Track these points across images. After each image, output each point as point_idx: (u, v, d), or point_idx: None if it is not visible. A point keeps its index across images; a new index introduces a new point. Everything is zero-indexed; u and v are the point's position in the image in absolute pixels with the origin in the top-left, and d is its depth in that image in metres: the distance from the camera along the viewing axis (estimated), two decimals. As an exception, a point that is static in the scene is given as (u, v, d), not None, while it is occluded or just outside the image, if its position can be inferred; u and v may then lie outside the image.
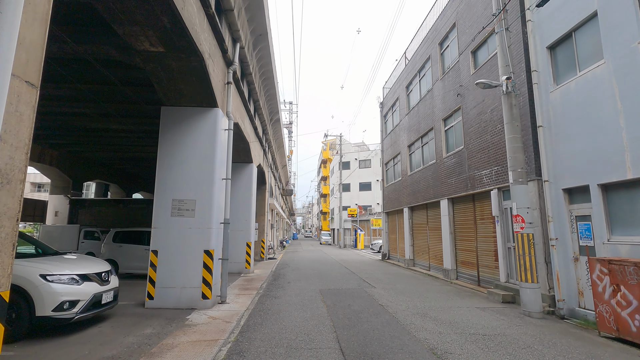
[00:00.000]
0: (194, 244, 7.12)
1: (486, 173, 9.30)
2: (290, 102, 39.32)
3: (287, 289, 9.32)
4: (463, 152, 10.65)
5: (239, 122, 10.34)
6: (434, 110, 13.07)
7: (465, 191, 10.46)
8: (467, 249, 10.72)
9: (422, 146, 14.47)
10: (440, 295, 8.41)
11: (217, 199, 7.56)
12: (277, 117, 17.22)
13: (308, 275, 12.28)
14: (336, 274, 12.46)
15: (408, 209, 15.86)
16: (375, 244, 26.47)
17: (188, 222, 7.20)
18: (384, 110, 20.75)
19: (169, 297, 6.92)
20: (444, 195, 11.91)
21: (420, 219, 14.82)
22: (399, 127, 17.41)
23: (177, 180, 7.35)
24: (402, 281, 10.88)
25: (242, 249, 12.99)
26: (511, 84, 7.04)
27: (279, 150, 23.76)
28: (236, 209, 13.17)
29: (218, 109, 7.71)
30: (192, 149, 7.50)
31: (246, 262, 12.93)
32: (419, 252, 14.86)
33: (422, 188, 14.13)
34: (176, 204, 7.24)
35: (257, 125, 13.91)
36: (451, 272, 11.24)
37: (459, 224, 11.28)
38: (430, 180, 13.26)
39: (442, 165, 12.22)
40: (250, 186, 13.49)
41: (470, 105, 10.30)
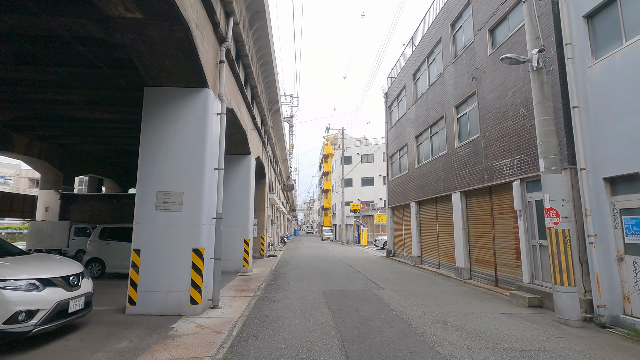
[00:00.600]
0: (182, 242, 6.29)
1: (506, 163, 8.42)
2: (290, 95, 38.34)
3: (288, 290, 8.50)
4: (479, 141, 9.77)
5: (235, 109, 9.47)
6: (444, 97, 12.16)
7: (481, 183, 9.59)
8: (482, 246, 9.87)
9: (431, 136, 13.58)
10: (457, 298, 7.58)
11: (208, 192, 6.72)
12: (277, 107, 16.34)
13: (310, 274, 11.47)
14: (340, 273, 11.65)
15: (415, 204, 15.01)
16: (379, 240, 25.67)
17: (175, 217, 6.36)
18: (388, 100, 19.83)
19: (153, 302, 6.10)
20: (456, 188, 11.04)
21: (428, 214, 13.97)
22: (406, 118, 16.51)
23: (162, 170, 6.50)
24: (411, 281, 10.05)
25: (240, 246, 12.18)
26: (543, 58, 6.14)
27: (279, 143, 22.89)
28: (233, 203, 12.35)
29: (209, 90, 6.84)
30: (179, 135, 6.64)
31: (244, 260, 12.12)
32: (428, 249, 14.02)
33: (431, 181, 13.26)
34: (161, 196, 6.40)
35: (255, 114, 13.04)
36: (464, 271, 10.41)
37: (473, 219, 10.42)
38: (440, 172, 12.39)
39: (454, 156, 11.34)
40: (248, 179, 12.65)
41: (487, 89, 9.40)
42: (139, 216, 6.34)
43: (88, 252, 10.26)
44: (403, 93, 17.14)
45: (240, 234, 12.24)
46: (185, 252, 6.26)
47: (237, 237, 12.21)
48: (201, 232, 6.38)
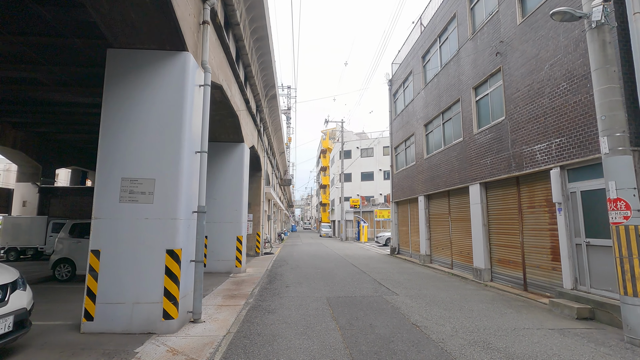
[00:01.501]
0: (153, 241, 5.03)
1: (542, 148, 7.20)
2: (288, 87, 36.95)
3: (285, 296, 7.27)
4: (504, 125, 8.54)
5: (225, 87, 8.18)
6: (460, 78, 10.90)
7: (506, 173, 8.37)
8: (507, 245, 8.68)
9: (443, 123, 12.33)
10: (486, 307, 6.38)
11: (188, 180, 5.45)
12: (274, 92, 15.02)
13: (310, 275, 10.24)
14: (344, 274, 10.44)
15: (424, 198, 13.80)
16: (380, 236, 24.51)
17: (144, 210, 5.09)
18: (393, 88, 18.55)
19: (116, 318, 4.84)
20: (475, 180, 9.83)
21: (439, 209, 12.77)
22: (413, 105, 15.24)
23: (128, 151, 5.22)
24: (425, 284, 8.85)
25: (232, 244, 10.93)
26: (606, 11, 4.89)
27: (276, 134, 21.57)
28: (224, 197, 11.09)
29: (188, 55, 5.55)
30: (151, 108, 5.35)
31: (236, 259, 10.88)
32: (438, 247, 12.84)
33: (443, 172, 12.04)
34: (127, 185, 5.12)
35: (249, 98, 11.74)
36: (484, 272, 9.22)
37: (495, 213, 9.22)
38: (454, 162, 11.16)
39: (472, 143, 10.11)
40: (241, 170, 11.37)
41: (516, 65, 8.15)
42: (98, 209, 5.06)
43: (56, 251, 8.98)
44: (410, 79, 15.86)
45: (232, 231, 10.98)
46: (157, 254, 5.00)
47: (229, 234, 10.96)
48: (177, 229, 5.11)
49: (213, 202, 11.06)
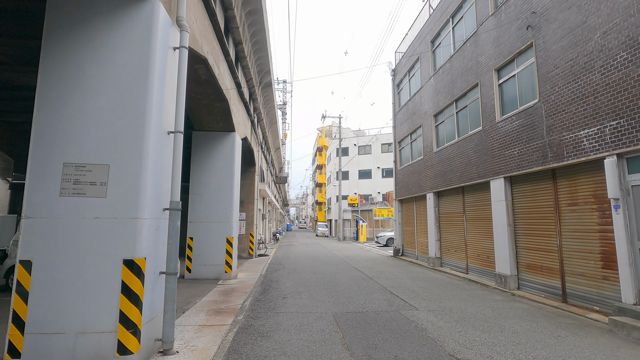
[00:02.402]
0: (105, 249, 3.74)
1: (590, 134, 6.01)
2: (284, 81, 35.61)
3: (282, 312, 6.01)
4: (537, 109, 7.35)
5: (211, 62, 6.88)
6: (478, 60, 9.71)
7: (540, 164, 7.19)
8: (539, 248, 7.51)
9: (456, 112, 11.14)
10: (531, 327, 5.19)
11: (156, 167, 4.16)
12: (269, 79, 13.72)
13: (310, 282, 8.99)
14: (348, 280, 9.20)
15: (433, 195, 12.61)
16: (381, 236, 23.33)
17: (94, 206, 3.79)
18: (396, 78, 17.34)
19: (53, 353, 3.55)
20: (498, 173, 8.64)
21: (452, 207, 11.58)
22: (420, 95, 14.04)
23: (74, 129, 3.92)
24: (445, 294, 7.65)
25: (221, 247, 9.63)
26: None
27: (271, 127, 20.26)
28: (212, 193, 9.79)
29: (157, 4, 4.25)
30: (106, 74, 4.05)
31: (226, 264, 9.58)
32: (450, 249, 11.66)
33: (456, 166, 10.85)
34: (71, 172, 3.82)
35: (242, 82, 10.44)
36: (509, 280, 8.05)
37: (523, 212, 8.04)
38: (471, 155, 9.97)
39: (493, 132, 8.92)
40: (232, 163, 10.07)
41: (553, 37, 6.95)
42: (31, 206, 3.75)
43: (11, 256, 7.62)
44: (416, 66, 14.65)
45: (221, 232, 9.69)
46: (110, 266, 3.71)
47: (218, 235, 9.67)
48: (139, 231, 3.82)
49: (199, 199, 9.76)
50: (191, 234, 9.63)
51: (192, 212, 9.73)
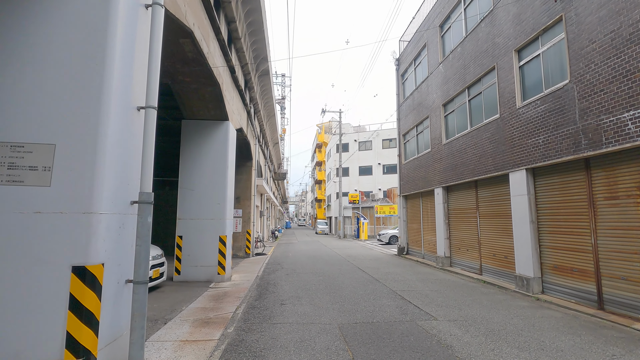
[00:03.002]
0: (47, 252, 2.89)
1: (637, 115, 5.18)
2: (282, 75, 34.68)
3: (280, 322, 5.18)
4: (568, 91, 6.51)
5: (197, 36, 6.02)
6: (495, 41, 8.86)
7: (571, 153, 6.36)
8: (568, 247, 6.69)
9: (469, 100, 10.29)
10: (576, 343, 4.38)
11: (118, 148, 3.32)
12: (266, 67, 12.84)
13: (311, 285, 8.17)
14: (352, 283, 8.38)
15: (442, 190, 11.78)
16: (383, 234, 22.52)
17: (34, 197, 2.95)
18: (401, 68, 16.47)
19: (-24, 390, 2.71)
20: (519, 165, 7.81)
21: (463, 202, 10.76)
22: (427, 83, 13.19)
23: (8, 98, 3.06)
24: (463, 299, 6.83)
25: (213, 246, 8.80)
26: None
27: (269, 120, 19.38)
28: (204, 187, 8.96)
29: (121, -54, 3.38)
30: (51, 33, 3.19)
31: (219, 265, 8.75)
32: (461, 248, 10.85)
33: (469, 159, 10.01)
34: (5, 154, 2.97)
35: (236, 66, 9.58)
36: (532, 282, 7.24)
37: (548, 206, 7.22)
38: (486, 145, 9.14)
39: (513, 120, 8.09)
40: (225, 155, 9.22)
41: (589, 8, 6.10)
42: (-49, 196, 2.90)
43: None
44: (423, 53, 13.79)
45: (213, 230, 8.85)
46: (54, 275, 2.87)
47: (210, 233, 8.83)
48: (95, 230, 2.98)
49: (190, 194, 8.92)
50: (180, 232, 8.79)
51: (181, 209, 8.88)
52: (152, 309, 5.97)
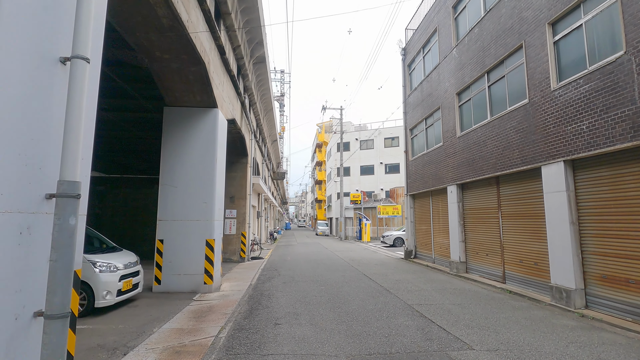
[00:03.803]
0: None
1: None
2: (281, 71, 33.56)
3: (272, 354, 4.03)
4: (623, 65, 5.37)
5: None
6: (522, 16, 7.73)
7: (629, 140, 5.22)
8: (622, 254, 5.56)
9: (488, 86, 9.16)
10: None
11: (17, 115, 2.16)
12: (262, 54, 11.71)
13: (311, 296, 7.02)
14: (359, 294, 7.23)
15: (456, 187, 10.64)
16: (387, 235, 21.36)
17: None
18: (407, 58, 15.35)
19: None
20: (554, 157, 6.67)
21: (482, 201, 9.62)
22: (438, 72, 12.06)
23: None
24: (495, 317, 5.69)
25: (199, 251, 7.66)
26: None
27: (266, 115, 18.25)
28: (188, 184, 7.84)
29: None
30: None
31: (205, 273, 7.60)
32: (479, 253, 9.70)
33: (489, 152, 8.88)
34: None
35: (226, 47, 8.45)
36: (574, 295, 6.09)
37: (594, 205, 6.08)
38: (512, 136, 8.00)
39: (547, 104, 6.95)
40: (214, 148, 8.08)
41: (652, -40, 4.97)
42: None
43: None
44: (433, 39, 12.67)
45: (199, 233, 7.71)
46: None
47: (195, 237, 7.69)
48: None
49: (172, 191, 7.78)
50: (161, 236, 7.65)
51: (162, 208, 7.74)
52: (114, 331, 4.83)
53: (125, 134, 14.54)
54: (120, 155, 18.43)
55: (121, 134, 14.66)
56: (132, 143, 15.92)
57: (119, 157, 18.97)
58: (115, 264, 5.93)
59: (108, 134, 15.02)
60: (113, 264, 5.87)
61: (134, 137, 14.75)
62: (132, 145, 16.47)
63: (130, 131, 14.05)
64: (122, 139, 15.35)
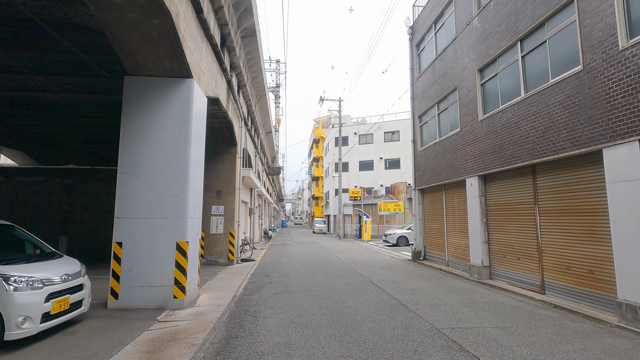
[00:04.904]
0: None
1: None
2: (277, 61, 31.88)
3: None
4: None
5: None
6: (573, -37, 6.18)
7: None
8: None
9: (522, 57, 7.63)
10: None
11: None
12: (251, 23, 10.06)
13: (309, 316, 5.47)
14: (371, 312, 5.70)
15: (478, 180, 9.13)
16: (390, 234, 19.87)
17: None
18: (415, 37, 13.78)
19: None
20: (624, 136, 5.17)
21: (511, 195, 8.11)
22: (455, 47, 10.51)
23: None
24: (559, 347, 4.19)
25: (168, 257, 6.09)
26: None
27: (259, 101, 16.61)
28: (154, 173, 6.29)
29: None
30: None
31: (175, 285, 6.03)
32: (506, 256, 8.21)
33: (523, 135, 7.36)
34: None
35: (204, 4, 6.83)
36: (654, 315, 4.59)
37: (685, 199, 4.57)
38: (558, 113, 6.48)
39: (611, 69, 5.42)
40: (187, 128, 6.47)
41: None
42: None
43: None
44: (448, 11, 11.10)
45: (168, 234, 6.13)
46: None
47: (163, 239, 6.11)
48: None
49: (134, 181, 6.19)
50: (119, 237, 6.06)
51: (121, 203, 6.15)
52: (17, 384, 3.25)
53: (96, 120, 12.89)
54: (94, 146, 16.74)
55: (93, 121, 13.01)
56: (107, 132, 14.26)
57: (93, 148, 17.27)
58: (41, 277, 4.34)
59: (78, 122, 13.36)
60: (37, 277, 4.27)
61: (109, 125, 13.11)
62: (106, 135, 14.81)
63: (103, 118, 12.40)
64: (95, 126, 13.69)
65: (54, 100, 11.17)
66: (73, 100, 11.15)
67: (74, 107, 11.74)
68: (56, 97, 10.92)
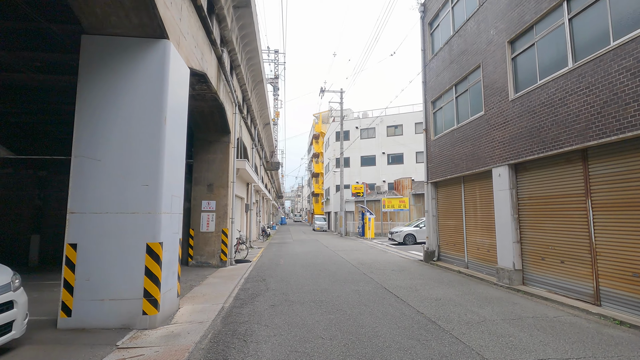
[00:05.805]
0: None
1: None
2: (275, 51, 30.49)
3: None
4: None
5: None
6: None
7: None
8: None
9: (569, 19, 6.33)
10: None
11: None
12: (245, -8, 8.75)
13: (316, 337, 4.21)
14: (394, 333, 4.45)
15: (508, 169, 7.86)
16: (397, 232, 18.61)
17: None
18: (428, 15, 12.47)
19: None
20: None
21: (552, 187, 6.85)
22: (477, 19, 9.21)
23: None
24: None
25: (135, 262, 4.81)
26: None
27: (256, 87, 15.29)
28: (119, 157, 4.99)
29: None
30: None
31: (145, 297, 4.75)
32: (546, 259, 6.95)
33: (572, 114, 6.08)
34: None
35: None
36: None
37: None
38: (623, 83, 5.20)
39: None
40: (161, 101, 5.18)
41: None
42: None
43: None
44: (469, -20, 9.78)
45: (135, 233, 4.85)
46: None
47: (129, 239, 4.83)
48: None
49: (94, 166, 4.91)
50: (74, 238, 4.78)
51: (76, 195, 4.86)
52: None
53: (72, 107, 11.52)
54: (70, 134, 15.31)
55: (74, 107, 11.65)
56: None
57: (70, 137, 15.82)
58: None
59: (58, 109, 12.00)
60: None
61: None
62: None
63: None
64: (70, 112, 12.32)
65: (23, 81, 9.83)
66: (46, 83, 9.82)
67: (50, 92, 10.42)
68: (25, 78, 9.58)
